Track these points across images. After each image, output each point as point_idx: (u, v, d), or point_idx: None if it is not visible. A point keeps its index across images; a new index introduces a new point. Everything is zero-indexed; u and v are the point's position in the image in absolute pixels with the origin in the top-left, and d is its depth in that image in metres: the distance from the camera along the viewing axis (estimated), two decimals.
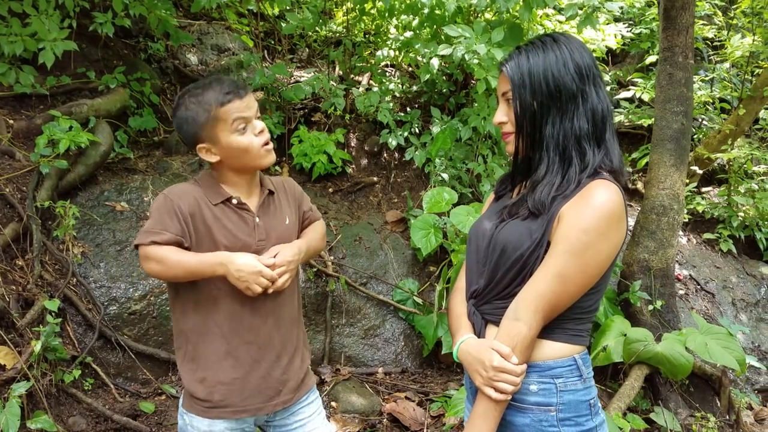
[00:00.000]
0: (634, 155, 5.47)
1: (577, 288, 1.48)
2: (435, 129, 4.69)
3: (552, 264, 1.46)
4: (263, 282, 1.74)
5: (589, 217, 1.44)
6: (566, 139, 1.52)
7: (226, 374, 1.82)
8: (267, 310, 1.85)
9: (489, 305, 1.60)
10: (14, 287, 3.20)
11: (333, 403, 3.55)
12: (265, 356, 1.86)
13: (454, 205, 3.98)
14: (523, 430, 1.54)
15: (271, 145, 1.82)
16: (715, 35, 6.12)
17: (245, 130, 1.77)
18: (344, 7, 5.40)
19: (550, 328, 1.52)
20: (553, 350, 1.54)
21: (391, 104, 4.94)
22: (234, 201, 1.83)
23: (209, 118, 1.75)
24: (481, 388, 1.49)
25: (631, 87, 5.80)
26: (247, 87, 1.81)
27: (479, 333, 1.60)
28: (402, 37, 4.88)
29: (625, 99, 5.86)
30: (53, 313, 3.05)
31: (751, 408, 4.07)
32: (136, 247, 1.76)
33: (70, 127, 3.70)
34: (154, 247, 1.72)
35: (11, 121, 3.88)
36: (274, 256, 1.81)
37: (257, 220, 1.86)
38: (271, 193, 1.94)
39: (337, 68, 5.56)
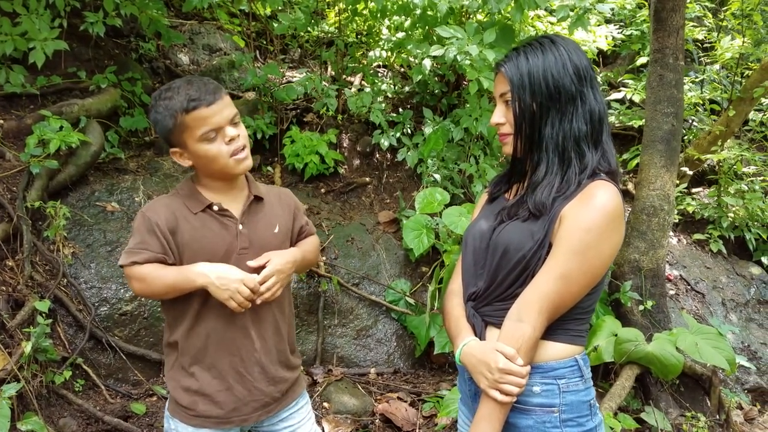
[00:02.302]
0: (625, 156, 5.50)
1: (579, 288, 1.49)
2: (427, 130, 4.70)
3: (555, 264, 1.47)
4: (245, 291, 1.70)
5: (592, 218, 1.45)
6: (565, 141, 1.53)
7: (209, 386, 1.80)
8: (249, 323, 1.81)
9: (489, 307, 1.60)
10: (4, 288, 3.18)
11: (325, 404, 3.55)
12: (249, 368, 1.82)
13: (447, 206, 3.99)
14: None
15: (244, 153, 1.74)
16: (706, 37, 6.16)
17: (214, 138, 1.69)
18: (336, 8, 5.40)
19: (552, 329, 1.52)
20: (555, 351, 1.54)
21: (384, 105, 4.94)
22: (215, 207, 1.78)
23: (176, 124, 1.68)
24: (486, 390, 1.48)
25: (621, 88, 5.83)
26: (219, 91, 1.71)
27: (480, 335, 1.59)
28: (394, 38, 4.89)
29: (616, 100, 5.89)
30: (43, 314, 3.03)
31: (741, 408, 4.09)
32: (122, 266, 1.74)
33: (61, 127, 3.68)
34: (135, 267, 1.71)
35: (1, 121, 3.85)
36: (265, 264, 1.77)
37: (240, 227, 1.80)
38: (259, 199, 1.88)
39: (329, 69, 5.55)
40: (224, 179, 1.80)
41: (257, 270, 1.77)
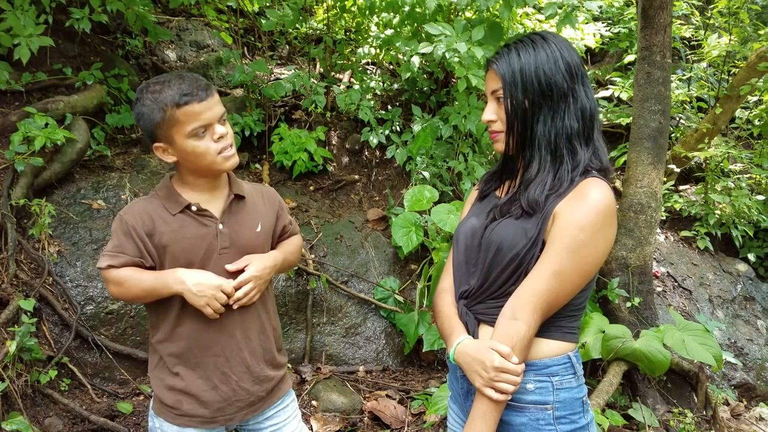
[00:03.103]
0: (613, 154, 5.52)
1: (573, 286, 1.49)
2: (416, 127, 4.69)
3: (549, 262, 1.46)
4: (222, 298, 1.70)
5: (586, 215, 1.45)
6: (558, 138, 1.52)
7: (194, 386, 1.79)
8: (233, 324, 1.80)
9: (482, 305, 1.59)
10: None
11: (314, 402, 3.54)
12: (233, 368, 1.82)
13: (435, 203, 3.99)
14: (520, 430, 1.54)
15: (231, 151, 1.72)
16: (693, 35, 6.19)
17: (204, 134, 1.68)
18: (325, 5, 5.38)
19: (546, 327, 1.52)
20: (549, 348, 1.54)
21: (372, 102, 4.94)
22: (193, 208, 1.76)
23: (164, 118, 1.65)
24: (481, 389, 1.47)
25: (609, 86, 5.84)
26: (211, 88, 1.69)
27: (472, 333, 1.59)
28: (383, 35, 4.88)
29: (604, 98, 5.91)
30: (29, 313, 3.01)
31: (727, 403, 4.12)
32: (99, 269, 1.73)
33: (46, 124, 3.64)
34: (112, 270, 1.69)
35: None
36: (244, 268, 1.76)
37: (220, 226, 1.78)
38: (240, 197, 1.86)
39: (317, 66, 5.54)
40: (208, 176, 1.78)
41: (236, 274, 1.77)
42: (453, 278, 1.70)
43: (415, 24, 4.65)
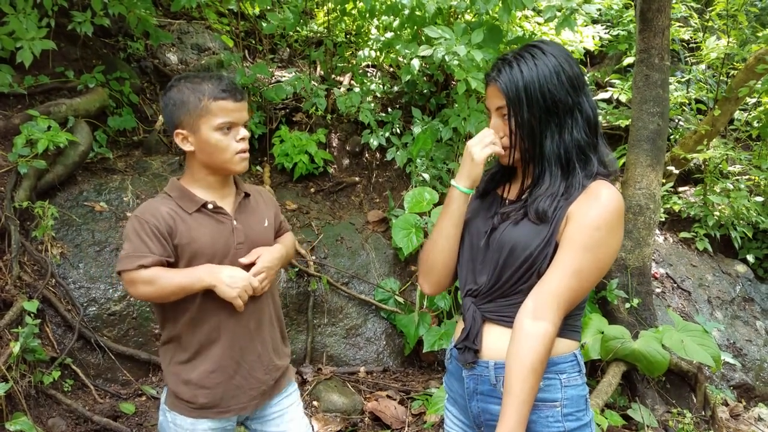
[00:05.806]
0: (612, 155, 5.53)
1: (590, 284, 1.52)
2: (416, 129, 4.71)
3: (567, 261, 1.48)
4: (251, 291, 1.77)
5: (600, 215, 1.48)
6: (568, 152, 1.54)
7: (209, 379, 1.84)
8: (248, 315, 1.86)
9: (492, 304, 1.61)
10: None
11: (315, 403, 3.56)
12: (246, 358, 1.88)
13: (435, 205, 4.01)
14: (529, 428, 1.53)
15: (247, 155, 1.83)
16: (691, 37, 6.21)
17: (228, 132, 1.78)
18: (325, 8, 5.41)
19: None
20: (558, 347, 1.55)
21: (373, 104, 4.96)
22: (210, 206, 1.83)
23: (199, 106, 1.75)
24: None
25: (608, 88, 5.87)
26: (244, 95, 1.82)
27: (477, 331, 1.61)
28: (383, 38, 4.90)
29: (603, 100, 5.93)
30: (32, 314, 3.03)
31: (726, 404, 4.14)
32: (119, 273, 1.74)
33: (49, 127, 3.66)
34: (141, 270, 1.71)
35: None
36: (255, 260, 1.84)
37: (235, 223, 1.86)
38: (247, 195, 1.95)
39: (318, 68, 5.56)
40: (220, 174, 1.85)
41: (248, 266, 1.83)
42: (459, 275, 1.72)
43: (415, 27, 4.67)
